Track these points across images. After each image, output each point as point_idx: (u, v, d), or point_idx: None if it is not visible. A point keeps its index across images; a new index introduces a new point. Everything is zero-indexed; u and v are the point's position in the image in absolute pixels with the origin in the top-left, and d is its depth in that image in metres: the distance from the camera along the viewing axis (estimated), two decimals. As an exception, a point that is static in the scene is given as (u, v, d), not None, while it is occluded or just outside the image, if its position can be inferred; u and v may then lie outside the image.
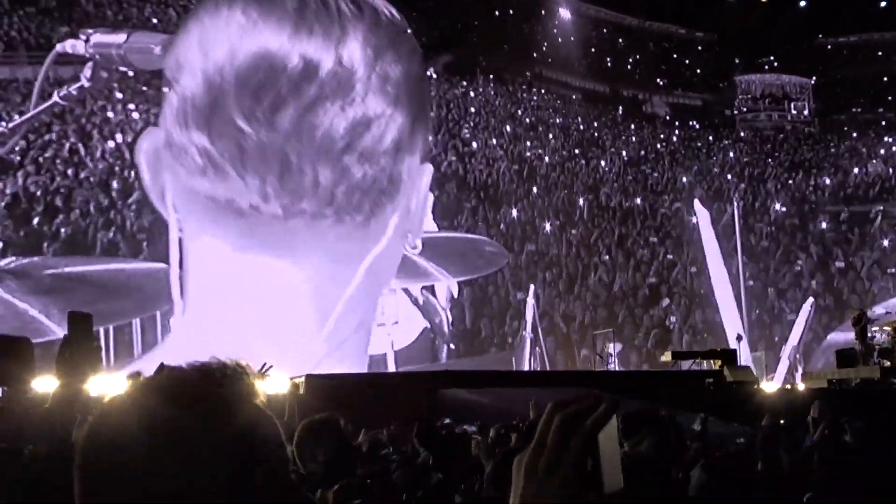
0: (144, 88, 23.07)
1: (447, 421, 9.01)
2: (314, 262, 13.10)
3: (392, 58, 12.76)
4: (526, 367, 20.43)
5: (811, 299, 27.62)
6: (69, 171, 23.32)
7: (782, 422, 8.69)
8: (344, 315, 13.60)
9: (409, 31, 13.92)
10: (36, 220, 21.74)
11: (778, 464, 5.57)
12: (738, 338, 20.68)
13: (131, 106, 23.07)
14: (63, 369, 2.36)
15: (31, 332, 14.98)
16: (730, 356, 17.46)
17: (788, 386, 17.71)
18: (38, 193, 22.29)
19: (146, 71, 16.68)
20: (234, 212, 12.36)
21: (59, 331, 15.69)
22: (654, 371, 21.33)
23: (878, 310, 23.31)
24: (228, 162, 12.03)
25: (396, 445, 6.99)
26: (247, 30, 11.88)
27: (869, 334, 18.00)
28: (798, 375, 24.02)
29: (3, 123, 18.76)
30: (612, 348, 20.45)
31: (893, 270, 31.28)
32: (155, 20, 26.95)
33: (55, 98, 13.97)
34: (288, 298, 13.11)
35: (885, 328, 18.22)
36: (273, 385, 11.54)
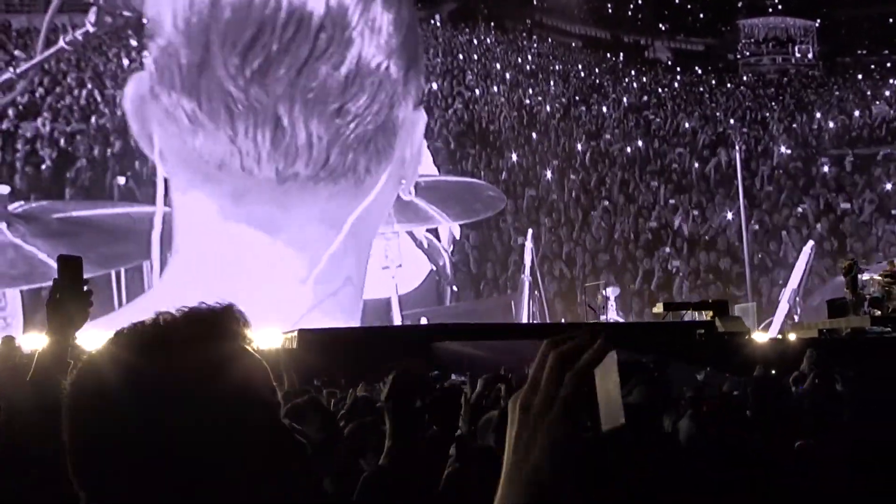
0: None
1: (435, 373, 9.16)
2: (305, 220, 12.92)
3: (382, 5, 12.30)
4: (525, 311, 20.47)
5: (811, 242, 27.45)
6: (86, 117, 23.48)
7: (773, 372, 8.78)
8: (330, 266, 13.45)
9: None
10: (51, 166, 21.85)
11: (768, 413, 5.62)
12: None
13: (145, 53, 23.35)
14: (55, 318, 2.32)
15: (39, 276, 15.94)
16: (721, 307, 17.50)
17: (780, 336, 17.74)
18: (57, 139, 22.50)
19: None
20: (225, 172, 12.09)
21: None
22: (646, 322, 21.40)
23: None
24: (219, 124, 11.73)
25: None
26: None
27: (859, 284, 18.04)
28: (797, 317, 24.10)
29: (12, 69, 18.82)
30: (604, 298, 20.36)
31: (896, 212, 31.20)
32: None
33: (61, 43, 13.95)
34: (278, 254, 12.99)
35: (876, 278, 18.20)
36: (265, 339, 11.41)
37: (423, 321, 17.45)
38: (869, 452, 4.20)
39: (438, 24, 33.24)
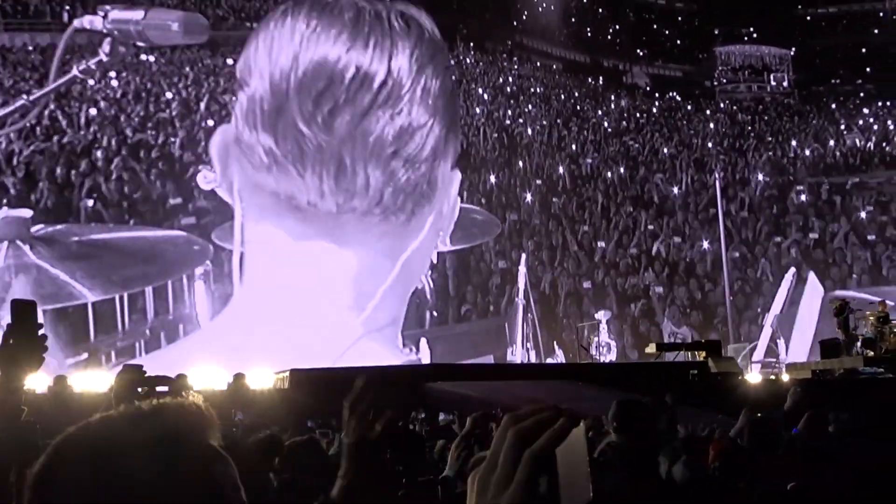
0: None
1: (423, 415, 9.27)
2: (360, 254, 14.45)
3: (432, 72, 14.01)
4: (518, 334, 20.87)
5: (793, 269, 27.64)
6: (49, 137, 23.17)
7: (759, 414, 8.69)
8: (381, 303, 14.89)
9: (445, 48, 15.36)
10: (66, 186, 22.09)
11: (762, 454, 5.59)
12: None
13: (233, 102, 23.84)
14: (5, 363, 2.22)
15: (65, 297, 17.05)
16: (714, 347, 17.66)
17: (773, 377, 17.78)
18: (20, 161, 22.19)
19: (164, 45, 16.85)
20: (293, 206, 13.72)
21: (90, 295, 17.51)
22: (640, 362, 21.52)
23: (860, 295, 23.56)
24: (290, 161, 13.39)
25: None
26: (309, 39, 13.30)
27: (851, 324, 18.12)
28: (780, 344, 24.28)
29: (25, 96, 18.67)
30: (597, 341, 20.67)
31: (872, 238, 31.35)
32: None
33: (74, 72, 14.16)
34: (334, 285, 14.51)
35: (869, 318, 18.35)
36: (258, 381, 12.01)
37: (423, 342, 17.50)
38: (861, 493, 4.24)
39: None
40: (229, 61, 25.80)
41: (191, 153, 23.89)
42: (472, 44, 34.41)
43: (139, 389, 4.29)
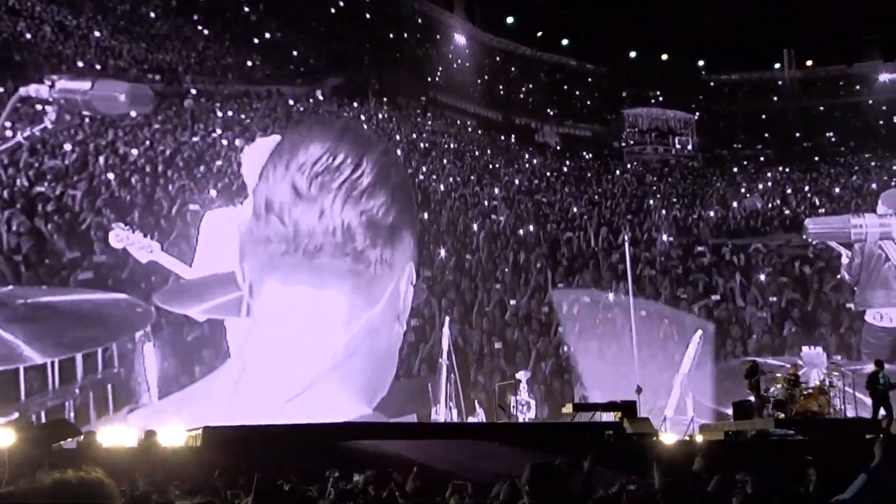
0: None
1: (336, 474, 9.17)
2: (335, 295, 16.66)
3: (393, 172, 17.37)
4: (442, 393, 21.08)
5: (700, 331, 28.17)
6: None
7: (671, 477, 8.70)
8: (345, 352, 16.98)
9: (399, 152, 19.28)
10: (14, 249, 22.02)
11: None
12: (638, 390, 21.13)
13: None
14: None
15: (16, 359, 17.55)
16: (630, 408, 17.79)
17: (688, 438, 17.95)
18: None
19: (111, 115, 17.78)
20: (285, 254, 16.26)
21: (39, 358, 17.96)
22: (556, 423, 21.67)
23: (772, 361, 24.15)
24: (283, 227, 16.24)
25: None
26: (305, 143, 16.55)
27: (763, 386, 18.47)
28: (688, 402, 24.63)
29: None
30: (516, 399, 20.84)
31: (773, 300, 32.16)
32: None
33: (18, 138, 14.32)
34: (318, 324, 16.85)
35: (780, 380, 18.75)
36: (171, 437, 12.08)
37: None
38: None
39: (321, 97, 32.79)
40: (132, 113, 25.27)
41: (89, 207, 23.20)
42: (384, 99, 34.40)
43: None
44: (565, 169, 38.21)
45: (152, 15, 31.63)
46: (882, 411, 18.11)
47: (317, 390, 16.31)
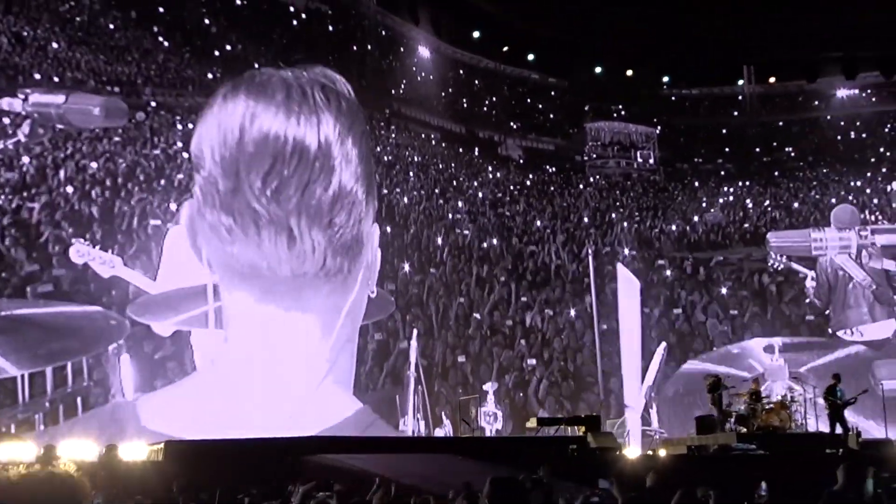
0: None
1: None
2: (314, 311, 15.80)
3: (352, 140, 15.20)
4: (410, 406, 21.32)
5: (664, 343, 28.42)
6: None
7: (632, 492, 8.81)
8: (336, 359, 16.39)
9: (361, 113, 16.35)
10: None
11: None
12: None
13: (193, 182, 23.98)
14: None
15: None
16: (594, 422, 17.92)
17: (651, 452, 18.10)
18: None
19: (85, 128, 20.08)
20: (255, 273, 15.06)
21: (15, 370, 18.15)
22: (519, 437, 21.82)
23: (733, 371, 24.42)
24: (249, 235, 14.79)
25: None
26: (252, 120, 14.51)
27: (725, 400, 18.67)
28: (653, 413, 24.91)
29: None
30: (480, 412, 21.18)
31: (734, 313, 32.48)
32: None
33: None
34: (297, 338, 16.07)
35: (742, 395, 18.99)
36: (132, 453, 11.94)
37: None
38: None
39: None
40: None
41: (48, 220, 22.93)
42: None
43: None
44: (528, 182, 38.34)
45: (111, 27, 31.33)
46: (839, 427, 18.37)
47: (319, 395, 16.24)
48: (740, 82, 42.61)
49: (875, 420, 21.93)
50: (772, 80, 41.88)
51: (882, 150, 41.81)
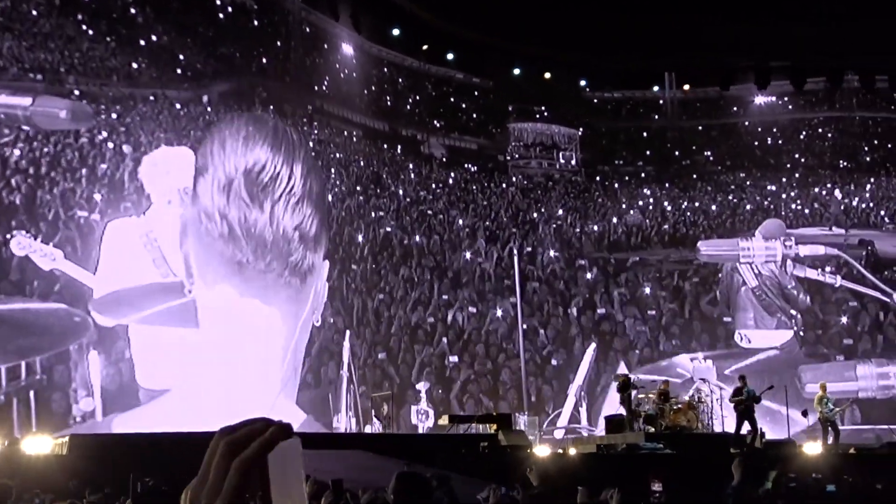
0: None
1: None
2: (279, 312, 18.52)
3: (312, 177, 18.93)
4: (343, 404, 21.97)
5: (594, 344, 29.08)
6: None
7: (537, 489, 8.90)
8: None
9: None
10: None
11: None
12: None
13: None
14: None
15: None
16: (505, 421, 18.38)
17: (561, 451, 18.33)
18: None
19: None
20: (235, 268, 17.76)
21: None
22: (433, 434, 21.84)
23: (644, 376, 24.95)
24: (240, 235, 17.59)
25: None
26: (249, 142, 17.88)
27: (634, 401, 19.05)
28: (582, 412, 25.42)
29: None
30: (391, 409, 21.39)
31: (652, 313, 32.95)
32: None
33: None
34: (264, 340, 18.66)
35: (651, 395, 19.39)
36: (35, 446, 11.95)
37: None
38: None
39: (208, 105, 32.09)
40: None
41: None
42: (271, 107, 33.75)
43: None
44: (451, 181, 38.34)
45: (34, 13, 30.36)
46: (746, 426, 18.85)
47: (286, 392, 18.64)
48: (655, 88, 43.33)
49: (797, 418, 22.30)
50: (686, 87, 42.72)
51: (797, 156, 42.90)
